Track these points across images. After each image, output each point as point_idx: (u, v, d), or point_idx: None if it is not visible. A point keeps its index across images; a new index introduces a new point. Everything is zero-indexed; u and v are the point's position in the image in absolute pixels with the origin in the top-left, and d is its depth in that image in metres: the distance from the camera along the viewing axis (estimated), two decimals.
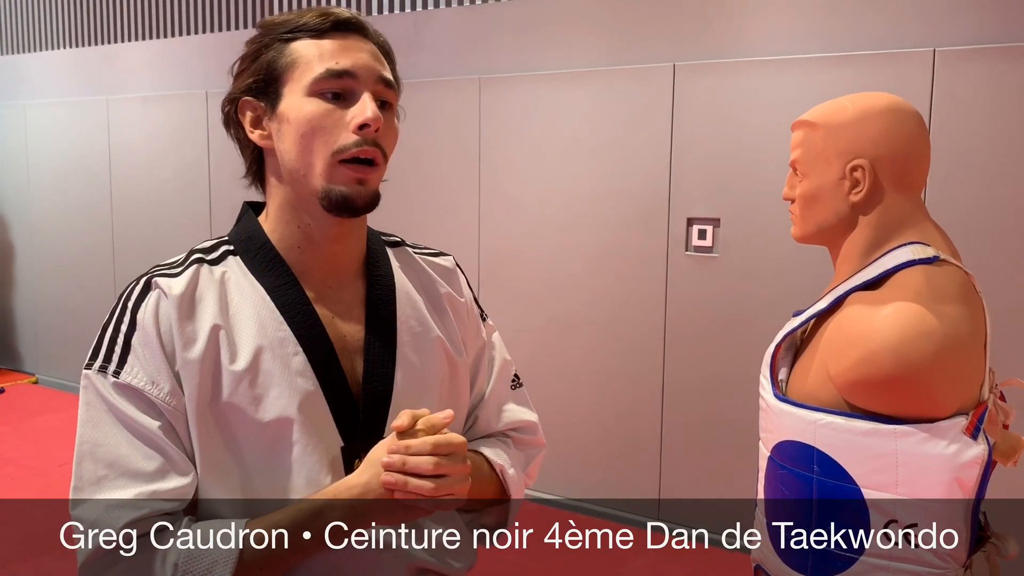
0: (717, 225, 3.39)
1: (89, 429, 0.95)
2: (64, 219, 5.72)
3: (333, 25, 0.99)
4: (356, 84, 0.97)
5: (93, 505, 0.92)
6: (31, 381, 5.98)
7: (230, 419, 0.96)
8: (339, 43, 0.99)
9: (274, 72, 0.99)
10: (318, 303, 1.02)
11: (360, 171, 0.97)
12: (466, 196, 3.99)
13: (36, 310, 6.00)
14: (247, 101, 1.02)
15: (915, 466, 1.15)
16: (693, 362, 3.48)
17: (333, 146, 0.96)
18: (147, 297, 0.97)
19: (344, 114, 0.97)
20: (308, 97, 0.97)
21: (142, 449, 0.93)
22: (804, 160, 1.33)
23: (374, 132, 0.97)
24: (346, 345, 1.02)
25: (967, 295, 1.21)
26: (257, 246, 1.03)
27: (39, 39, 5.90)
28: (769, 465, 1.33)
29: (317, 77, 0.97)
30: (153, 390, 0.94)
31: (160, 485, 0.92)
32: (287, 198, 1.02)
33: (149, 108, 5.20)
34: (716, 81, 3.33)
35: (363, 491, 0.92)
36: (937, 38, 2.94)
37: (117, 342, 0.97)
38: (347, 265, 1.06)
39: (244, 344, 0.97)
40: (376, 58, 1.01)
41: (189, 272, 1.00)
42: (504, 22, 3.89)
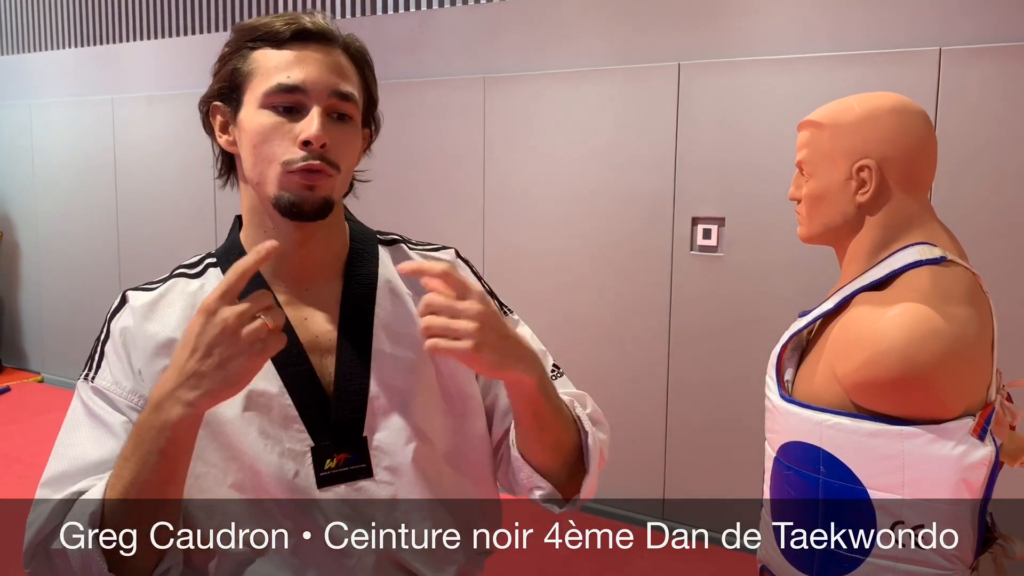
0: (722, 224, 3.38)
1: (66, 433, 1.00)
2: (69, 218, 5.73)
3: (294, 34, 0.98)
4: (306, 99, 0.97)
5: (45, 504, 0.96)
6: (37, 380, 5.99)
7: None
8: (296, 54, 0.98)
9: (237, 80, 1.01)
10: (290, 306, 1.03)
11: (309, 178, 0.97)
12: (471, 195, 3.99)
13: (42, 309, 6.02)
14: (216, 106, 1.04)
15: (922, 467, 1.15)
16: (698, 361, 3.47)
17: (281, 159, 0.97)
18: (121, 310, 1.04)
19: (293, 127, 0.97)
20: (260, 109, 0.98)
21: (103, 443, 0.97)
22: (810, 160, 1.33)
23: (319, 148, 0.96)
24: (318, 345, 1.02)
25: (974, 296, 1.21)
26: (234, 256, 1.05)
27: (44, 38, 5.91)
28: (775, 466, 1.33)
29: (268, 90, 0.97)
30: (116, 389, 0.99)
31: (104, 474, 0.94)
32: (252, 202, 1.05)
33: (154, 107, 5.21)
34: (721, 80, 3.33)
35: (169, 376, 0.87)
36: (943, 37, 2.93)
37: (97, 350, 1.04)
38: (320, 266, 1.06)
39: None
40: (334, 70, 0.99)
41: (163, 286, 1.05)
42: (509, 21, 3.89)
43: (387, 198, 4.19)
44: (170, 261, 4.15)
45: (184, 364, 0.85)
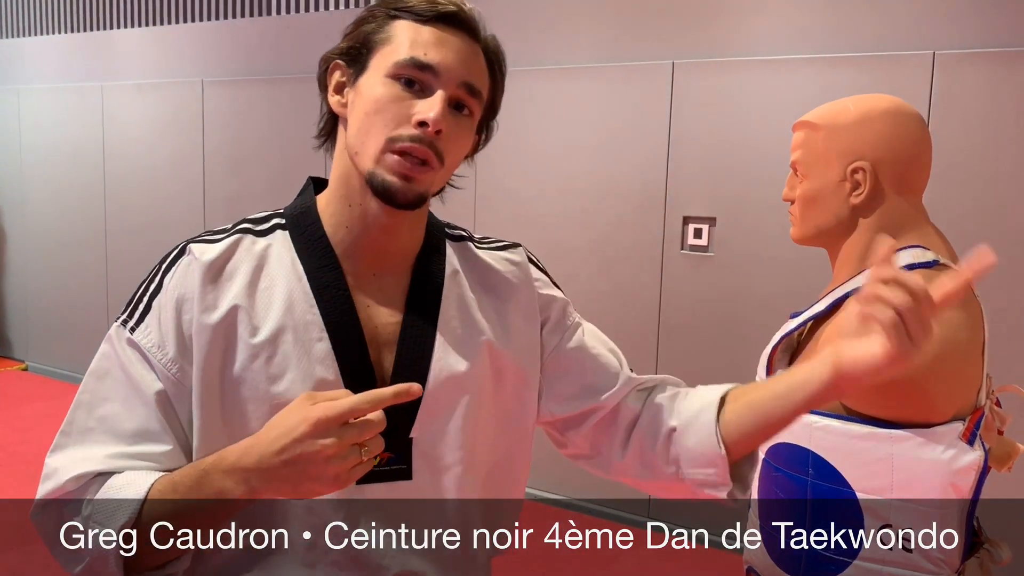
0: (713, 224, 3.39)
1: (93, 380, 0.95)
2: (57, 206, 5.69)
3: (439, 16, 0.95)
4: (435, 80, 0.93)
5: (68, 454, 0.92)
6: (21, 368, 5.95)
7: (239, 391, 0.93)
8: (437, 35, 0.95)
9: (369, 43, 0.96)
10: (356, 290, 0.98)
11: (408, 167, 0.93)
12: (462, 192, 3.97)
13: (27, 297, 5.97)
14: (338, 64, 0.99)
15: (910, 471, 1.15)
16: (687, 361, 3.47)
17: (390, 133, 0.93)
18: (178, 262, 0.96)
19: (412, 105, 0.93)
20: (386, 78, 0.94)
21: (133, 408, 0.93)
22: (805, 161, 1.33)
23: (433, 133, 0.92)
24: (377, 336, 0.98)
25: (966, 300, 1.21)
26: (307, 223, 1.00)
27: (34, 23, 5.85)
28: (764, 467, 1.32)
29: (400, 61, 0.93)
30: (158, 353, 0.93)
31: (134, 447, 0.92)
32: (345, 171, 0.99)
33: (144, 95, 5.17)
34: (714, 80, 3.33)
35: (242, 454, 0.84)
36: (937, 41, 2.94)
37: (142, 300, 0.96)
38: (395, 256, 1.02)
39: (268, 321, 0.94)
40: (470, 61, 0.97)
41: (229, 241, 0.97)
42: (501, 18, 3.88)
43: None
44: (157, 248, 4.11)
45: (267, 454, 0.82)
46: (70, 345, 5.70)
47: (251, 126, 4.67)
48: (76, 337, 5.66)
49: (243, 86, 4.72)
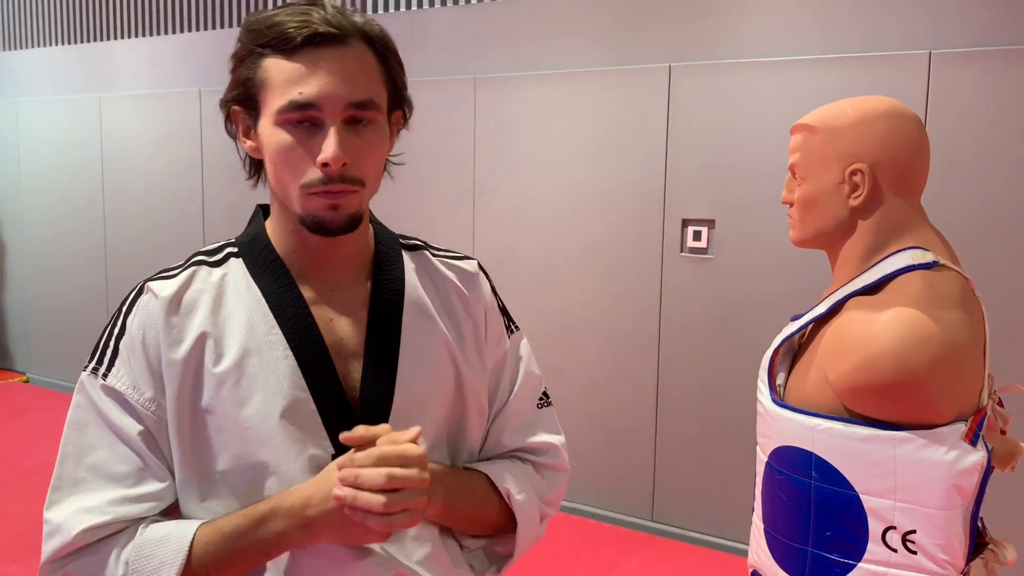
0: (712, 226, 3.39)
1: (75, 431, 0.96)
2: (56, 217, 5.69)
3: (305, 40, 0.91)
4: (321, 114, 0.91)
5: (66, 506, 0.93)
6: (22, 380, 5.94)
7: (211, 422, 0.94)
8: (308, 62, 0.91)
9: (251, 89, 0.95)
10: (316, 305, 1.00)
11: (331, 198, 0.93)
12: (460, 196, 3.98)
13: (27, 308, 5.97)
14: (236, 111, 0.99)
15: (914, 472, 1.14)
16: (688, 364, 3.47)
17: (300, 180, 0.93)
18: (137, 302, 0.98)
19: (311, 146, 0.92)
20: (275, 127, 0.93)
21: (121, 452, 0.93)
22: (803, 164, 1.33)
23: (338, 168, 0.91)
24: (343, 349, 0.99)
25: (966, 300, 1.21)
26: (259, 248, 1.01)
27: (32, 36, 5.86)
28: (767, 470, 1.32)
29: (280, 108, 0.92)
30: (134, 394, 0.94)
31: (133, 490, 0.93)
32: (282, 206, 1.01)
33: (142, 106, 5.18)
34: (712, 82, 3.33)
35: (304, 502, 0.90)
36: (933, 41, 2.95)
37: (109, 345, 0.97)
38: (348, 267, 1.03)
39: (231, 346, 0.95)
40: (350, 78, 0.92)
41: (185, 274, 0.99)
42: (499, 22, 3.88)
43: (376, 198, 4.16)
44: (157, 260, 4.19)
45: (326, 505, 0.89)
46: (71, 357, 5.69)
47: None
48: (77, 349, 5.65)
49: None
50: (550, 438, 1.15)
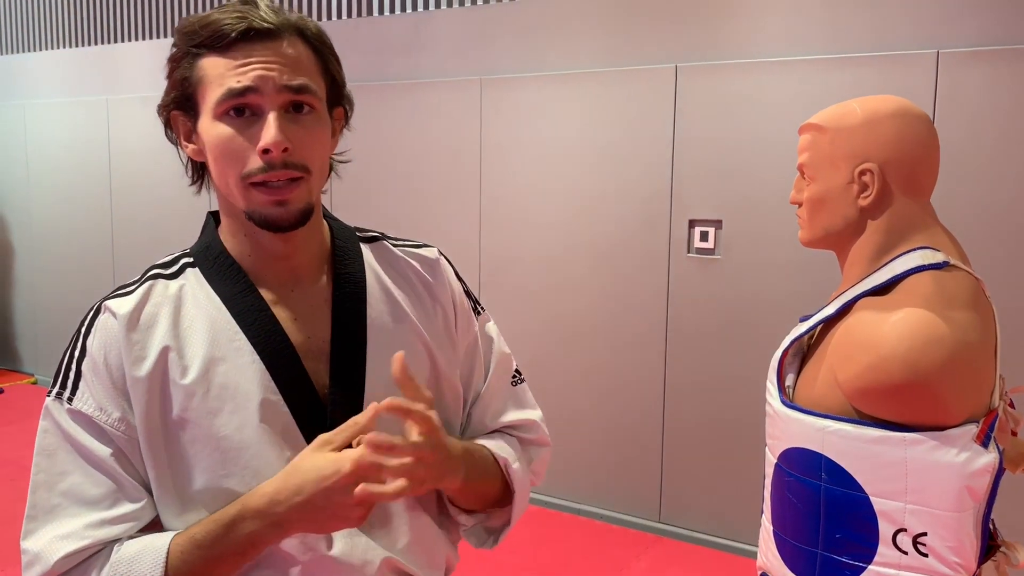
0: (719, 227, 3.38)
1: (44, 458, 0.95)
2: (63, 219, 5.71)
3: (240, 35, 0.92)
4: (261, 99, 0.92)
5: (42, 535, 0.92)
6: (30, 381, 5.96)
7: (183, 435, 0.94)
8: (243, 56, 0.92)
9: (188, 90, 0.96)
10: (278, 306, 0.99)
11: (275, 193, 0.93)
12: (467, 197, 3.98)
13: (35, 310, 5.99)
14: (176, 115, 0.99)
15: (925, 474, 1.14)
16: (695, 364, 3.46)
17: (241, 171, 0.93)
18: (95, 322, 0.97)
19: (251, 135, 0.92)
20: (215, 120, 0.93)
21: (93, 476, 0.92)
22: (812, 164, 1.32)
23: (280, 153, 0.91)
24: (310, 348, 0.99)
25: (977, 301, 1.20)
26: (214, 255, 1.01)
27: (38, 39, 5.88)
28: (776, 472, 1.32)
29: (219, 99, 0.92)
30: (102, 416, 0.93)
31: (108, 512, 0.92)
32: (229, 207, 1.00)
33: (149, 108, 5.17)
34: (718, 83, 3.32)
35: (271, 499, 0.90)
36: (940, 40, 2.93)
37: (71, 369, 0.96)
38: (305, 266, 1.03)
39: (196, 358, 0.95)
40: (285, 65, 0.93)
41: (141, 290, 0.98)
42: (506, 23, 3.88)
43: (383, 199, 4.17)
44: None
45: (298, 501, 0.88)
46: None
47: None
48: None
49: None
50: (529, 414, 1.17)
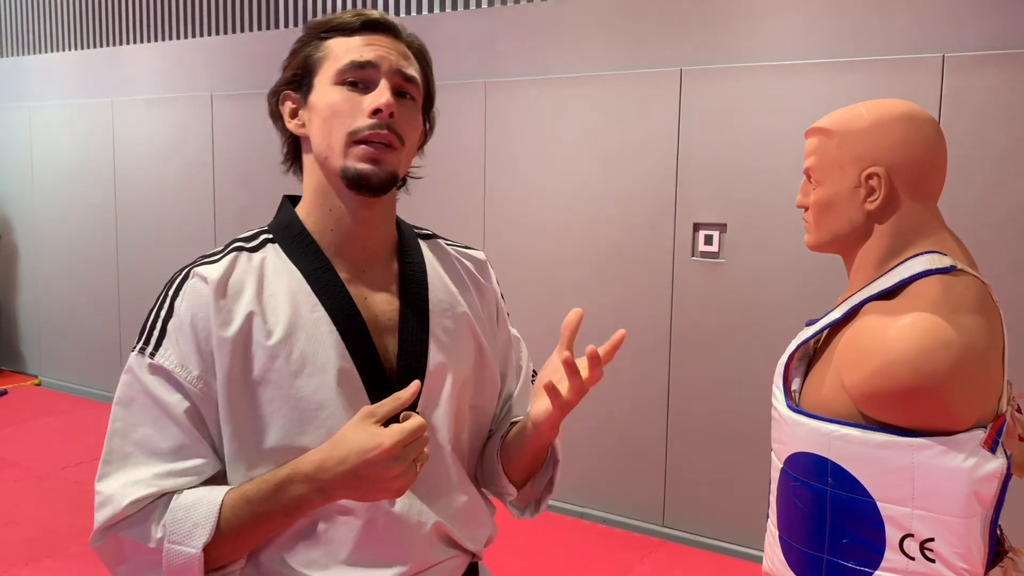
0: (724, 231, 3.37)
1: (122, 408, 1.03)
2: (68, 221, 5.72)
3: (363, 24, 1.08)
4: (376, 74, 1.05)
5: (115, 479, 1.00)
6: (34, 383, 5.97)
7: (264, 394, 1.02)
8: (367, 39, 1.07)
9: (309, 66, 1.09)
10: (351, 284, 1.09)
11: (374, 152, 1.04)
12: (471, 200, 3.98)
13: (39, 312, 6.00)
14: (287, 94, 1.11)
15: (932, 480, 1.13)
16: (699, 368, 3.46)
17: (349, 127, 1.04)
18: (184, 285, 1.05)
19: (362, 100, 1.05)
20: (333, 86, 1.06)
21: (165, 429, 1.00)
22: (818, 167, 1.32)
23: (388, 117, 1.03)
24: (379, 324, 1.09)
25: (985, 305, 1.19)
26: (294, 233, 1.10)
27: (44, 41, 5.90)
28: (782, 477, 1.31)
29: (341, 68, 1.05)
30: (182, 372, 1.01)
31: (176, 464, 1.00)
32: (319, 183, 1.10)
33: (154, 110, 5.20)
34: (723, 86, 3.32)
35: (319, 466, 0.97)
36: (946, 44, 2.93)
37: (156, 326, 1.04)
38: (378, 248, 1.13)
39: (279, 324, 1.03)
40: (401, 55, 1.09)
41: (227, 259, 1.06)
42: (510, 26, 3.88)
43: None
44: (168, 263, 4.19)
45: (342, 471, 0.95)
46: (83, 360, 5.72)
47: (261, 139, 4.68)
48: (89, 352, 5.68)
49: (252, 99, 4.74)
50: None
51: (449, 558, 1.12)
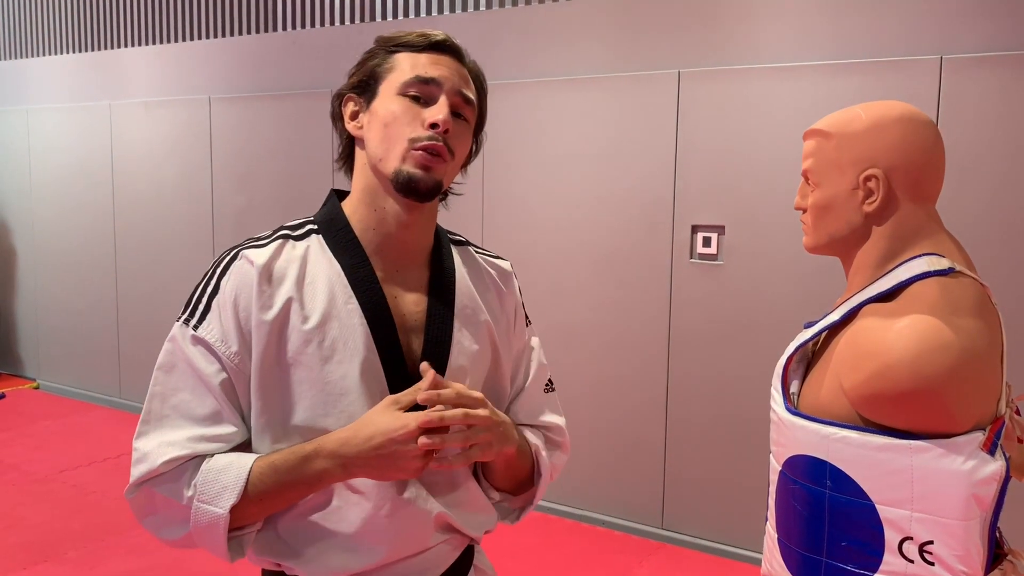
0: (722, 232, 3.37)
1: (163, 373, 1.11)
2: (66, 224, 5.71)
3: (431, 44, 1.15)
4: (438, 91, 1.13)
5: (152, 438, 1.08)
6: (32, 386, 5.97)
7: (295, 374, 1.09)
8: (432, 59, 1.15)
9: (375, 75, 1.16)
10: (385, 282, 1.16)
11: (428, 159, 1.11)
12: (470, 203, 3.98)
13: (38, 315, 5.99)
14: (350, 97, 1.19)
15: (931, 482, 1.13)
16: (697, 370, 3.46)
17: (410, 135, 1.11)
18: (232, 266, 1.12)
19: (422, 112, 1.12)
20: (396, 96, 1.13)
21: (202, 396, 1.09)
22: (816, 169, 1.32)
23: (443, 132, 1.11)
24: (406, 323, 1.16)
25: (983, 307, 1.19)
26: (338, 227, 1.17)
27: (42, 44, 5.89)
28: (780, 479, 1.31)
29: (407, 80, 1.13)
30: (222, 346, 1.09)
31: (209, 429, 1.08)
32: (369, 183, 1.16)
33: (152, 113, 5.20)
34: (721, 88, 3.32)
35: (343, 443, 1.05)
36: (944, 46, 2.93)
37: (202, 301, 1.12)
38: (414, 251, 1.20)
39: (315, 310, 1.11)
40: (461, 77, 1.16)
41: (274, 245, 1.14)
42: (508, 28, 3.88)
43: None
44: (167, 267, 4.18)
45: (366, 449, 1.04)
46: (81, 363, 5.71)
47: (258, 142, 4.68)
48: (87, 355, 5.67)
49: (250, 102, 4.74)
50: (556, 419, 1.36)
51: (444, 540, 1.19)
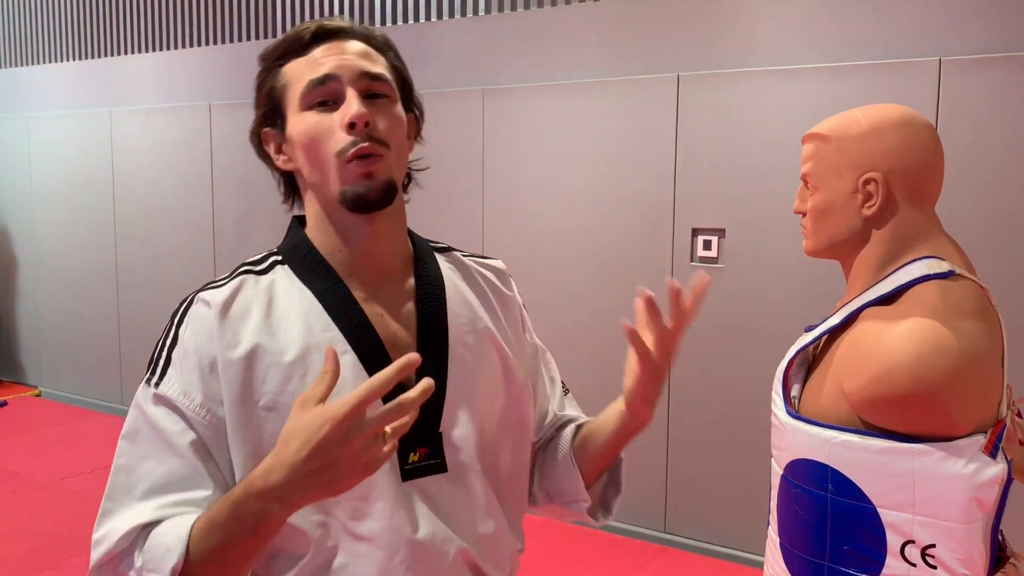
0: (722, 236, 3.37)
1: (128, 442, 0.99)
2: (67, 231, 5.72)
3: (313, 37, 1.02)
4: (339, 85, 0.99)
5: (117, 518, 0.96)
6: (34, 394, 5.96)
7: (275, 420, 0.96)
8: (321, 52, 1.02)
9: (275, 99, 1.04)
10: (367, 303, 1.04)
11: (364, 165, 0.98)
12: (469, 207, 3.98)
13: (39, 322, 5.99)
14: (267, 132, 1.07)
15: (933, 485, 1.13)
16: (698, 373, 3.45)
17: (333, 150, 0.98)
18: (189, 312, 1.01)
19: (335, 118, 0.99)
20: (302, 112, 1.01)
21: (166, 461, 0.96)
22: (816, 173, 1.32)
23: (364, 128, 0.98)
24: (396, 343, 1.03)
25: (984, 310, 1.19)
26: (303, 253, 1.05)
27: (43, 51, 5.90)
28: (782, 483, 1.31)
29: (303, 92, 1.00)
30: (184, 401, 0.96)
31: (175, 496, 0.95)
32: (319, 209, 1.05)
33: (152, 120, 5.20)
34: (720, 91, 3.32)
35: (265, 476, 0.86)
36: (943, 47, 2.93)
37: (162, 356, 1.00)
38: (391, 264, 1.08)
39: (292, 344, 0.98)
40: (361, 55, 1.02)
41: (234, 283, 1.02)
42: (507, 33, 3.89)
43: None
44: (167, 273, 4.19)
45: (294, 462, 0.83)
46: (82, 370, 5.71)
47: None
48: (88, 362, 5.67)
49: (251, 109, 4.73)
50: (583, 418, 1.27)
51: None
